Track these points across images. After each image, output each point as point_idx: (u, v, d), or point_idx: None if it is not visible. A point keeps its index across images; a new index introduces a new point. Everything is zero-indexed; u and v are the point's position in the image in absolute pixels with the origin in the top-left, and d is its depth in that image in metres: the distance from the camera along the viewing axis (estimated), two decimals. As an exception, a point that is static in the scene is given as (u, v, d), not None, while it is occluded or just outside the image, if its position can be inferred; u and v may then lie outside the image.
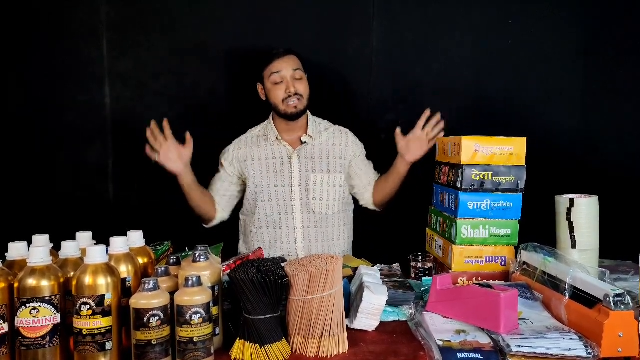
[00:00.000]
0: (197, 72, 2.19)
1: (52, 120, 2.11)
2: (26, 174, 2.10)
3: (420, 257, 1.64)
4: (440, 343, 1.12)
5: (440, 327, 1.21)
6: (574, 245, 1.49)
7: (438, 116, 1.83)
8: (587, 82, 2.27)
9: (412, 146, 1.83)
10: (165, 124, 1.75)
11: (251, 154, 1.92)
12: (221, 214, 1.96)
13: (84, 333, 1.02)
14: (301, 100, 1.86)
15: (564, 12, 2.25)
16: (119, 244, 1.15)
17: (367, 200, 2.00)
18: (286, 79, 1.84)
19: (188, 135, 1.78)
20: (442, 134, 1.82)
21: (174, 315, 1.07)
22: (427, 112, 1.83)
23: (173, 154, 1.75)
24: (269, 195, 1.90)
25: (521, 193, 1.55)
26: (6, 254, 1.13)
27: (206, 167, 2.03)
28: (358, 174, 1.97)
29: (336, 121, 2.03)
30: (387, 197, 1.96)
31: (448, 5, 2.23)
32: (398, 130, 1.86)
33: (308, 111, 1.96)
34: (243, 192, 1.97)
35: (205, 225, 1.97)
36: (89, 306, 1.02)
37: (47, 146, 2.11)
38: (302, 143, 1.92)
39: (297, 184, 1.89)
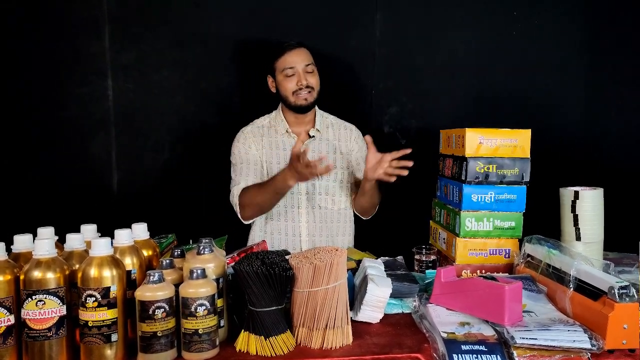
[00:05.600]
0: (200, 64, 2.18)
1: (55, 113, 2.11)
2: (29, 167, 2.10)
3: (423, 250, 1.64)
4: (445, 335, 1.13)
5: (444, 319, 1.21)
6: (578, 238, 1.49)
7: (409, 163, 1.64)
8: (591, 73, 2.26)
9: (373, 166, 1.68)
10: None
11: (262, 144, 1.91)
12: None
13: (90, 325, 1.03)
14: (312, 92, 1.85)
15: (568, 4, 2.24)
16: (124, 237, 1.15)
17: (351, 201, 1.96)
18: (298, 71, 1.83)
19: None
20: (393, 178, 1.67)
21: (179, 307, 1.07)
22: (407, 151, 1.65)
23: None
24: None
25: (525, 185, 1.55)
26: (11, 247, 1.13)
27: (208, 159, 2.03)
28: (351, 172, 1.95)
29: (340, 113, 2.02)
30: (362, 208, 1.92)
31: (451, -4, 2.22)
32: (369, 139, 1.71)
33: (316, 105, 1.96)
34: None
35: (247, 222, 1.89)
36: (94, 298, 1.02)
37: (51, 139, 2.11)
38: (310, 137, 1.92)
39: None
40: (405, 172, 1.64)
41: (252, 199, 1.78)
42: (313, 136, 1.92)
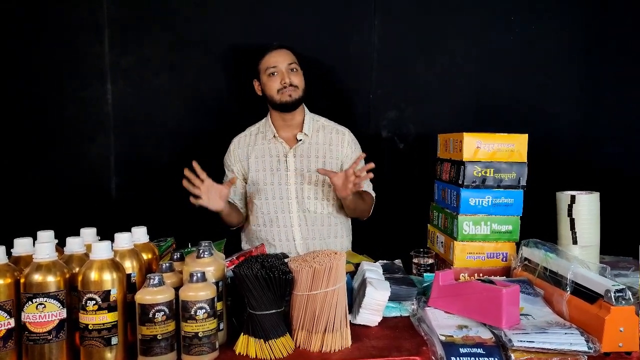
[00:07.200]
0: (199, 68, 2.19)
1: (54, 116, 2.11)
2: (28, 170, 2.10)
3: (421, 253, 1.65)
4: (443, 338, 1.13)
5: (442, 322, 1.22)
6: (575, 241, 1.51)
7: (370, 165, 1.65)
8: (588, 79, 2.28)
9: (338, 182, 1.71)
10: (196, 166, 1.67)
11: (250, 152, 1.92)
12: (245, 213, 1.99)
13: (90, 328, 1.03)
14: (296, 90, 1.85)
15: (565, 9, 2.26)
16: (123, 240, 1.16)
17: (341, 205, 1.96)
18: (281, 70, 1.84)
19: (231, 183, 1.76)
20: (361, 186, 1.74)
21: (178, 310, 1.07)
22: (363, 155, 1.75)
23: (214, 195, 1.69)
24: (265, 194, 1.89)
25: (522, 189, 1.56)
26: (11, 250, 1.14)
27: (207, 163, 2.03)
28: None
29: (337, 119, 2.02)
30: (352, 215, 1.96)
31: (450, 1, 2.23)
32: (322, 170, 1.77)
33: (306, 108, 1.96)
34: None
35: (232, 228, 1.97)
36: (94, 301, 1.03)
37: (49, 142, 2.11)
38: (297, 141, 1.91)
39: (292, 182, 1.89)
40: (371, 175, 1.66)
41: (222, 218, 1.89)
42: (301, 140, 1.91)
